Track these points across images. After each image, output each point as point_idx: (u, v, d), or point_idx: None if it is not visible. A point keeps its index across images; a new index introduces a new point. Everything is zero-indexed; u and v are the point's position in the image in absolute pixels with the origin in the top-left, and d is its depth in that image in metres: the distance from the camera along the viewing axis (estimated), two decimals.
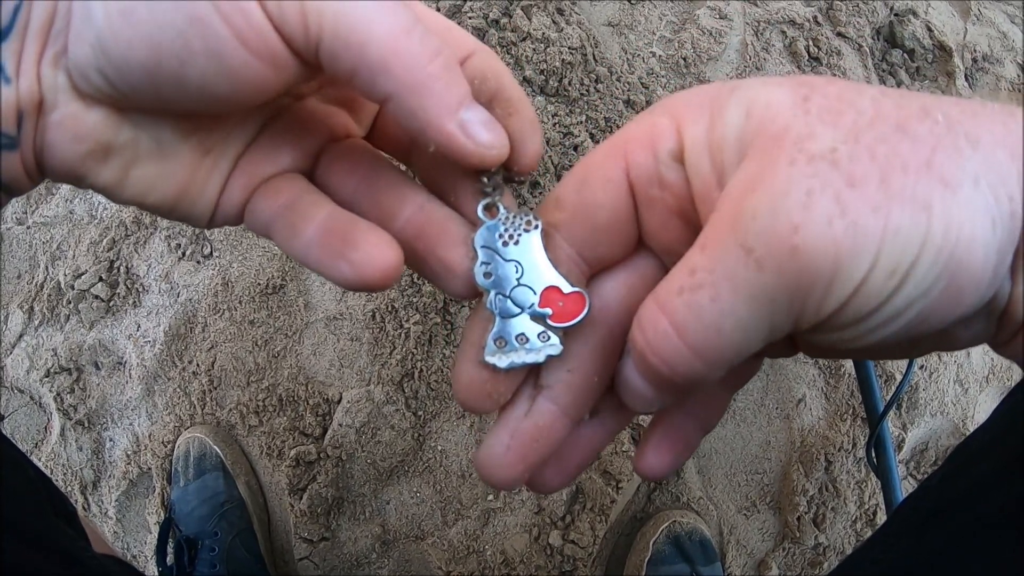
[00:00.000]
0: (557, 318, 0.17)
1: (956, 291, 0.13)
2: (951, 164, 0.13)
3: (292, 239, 0.17)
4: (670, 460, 0.19)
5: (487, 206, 0.17)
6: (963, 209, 0.13)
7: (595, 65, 0.75)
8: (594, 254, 0.17)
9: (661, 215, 0.17)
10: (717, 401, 0.19)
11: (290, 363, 0.70)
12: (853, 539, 0.68)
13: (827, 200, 0.13)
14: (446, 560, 0.65)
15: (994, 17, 0.89)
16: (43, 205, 0.77)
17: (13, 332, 0.74)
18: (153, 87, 0.15)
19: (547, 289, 0.17)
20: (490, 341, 0.17)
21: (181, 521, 0.64)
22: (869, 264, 0.13)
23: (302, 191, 0.18)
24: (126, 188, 0.17)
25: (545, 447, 0.18)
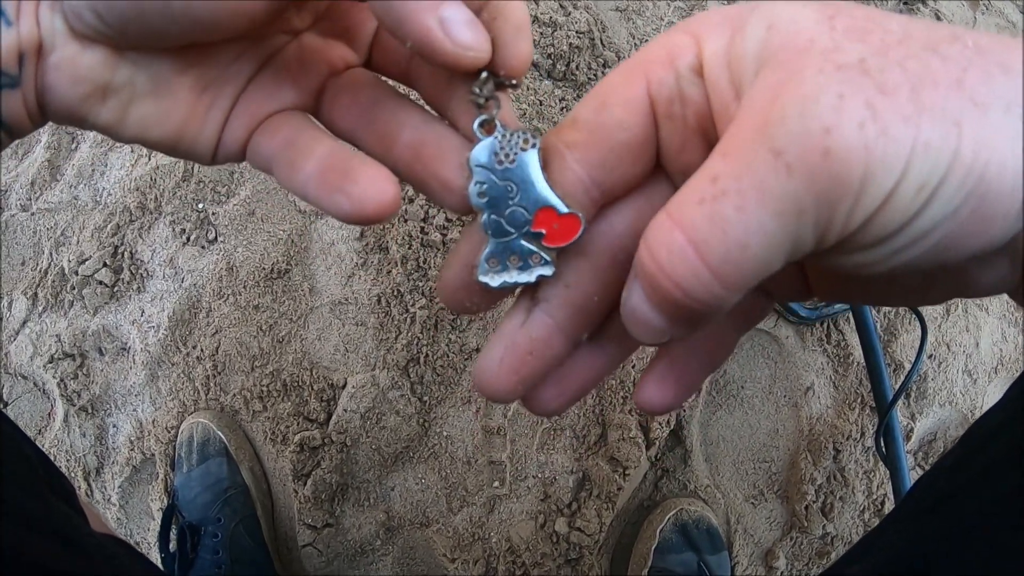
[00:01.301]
0: (551, 240, 0.17)
1: (983, 217, 0.13)
2: (982, 86, 0.13)
3: (292, 175, 0.17)
4: (672, 396, 0.18)
5: (483, 123, 0.17)
6: (994, 132, 0.12)
7: (603, 50, 0.74)
8: (610, 178, 0.17)
9: (681, 134, 0.16)
10: (725, 339, 0.19)
11: (295, 348, 0.69)
12: (861, 529, 0.68)
13: (859, 104, 0.12)
14: (451, 547, 0.65)
15: (1003, 7, 0.89)
16: (47, 191, 0.77)
17: (17, 318, 0.74)
18: (141, 18, 0.15)
19: (542, 210, 0.16)
20: (483, 260, 0.17)
21: (184, 507, 0.63)
22: (898, 175, 0.12)
23: (301, 127, 0.18)
24: (126, 127, 0.17)
25: (539, 362, 0.18)
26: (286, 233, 0.72)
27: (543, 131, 0.70)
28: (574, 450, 0.67)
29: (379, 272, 0.70)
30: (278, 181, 0.18)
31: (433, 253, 0.68)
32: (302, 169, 0.17)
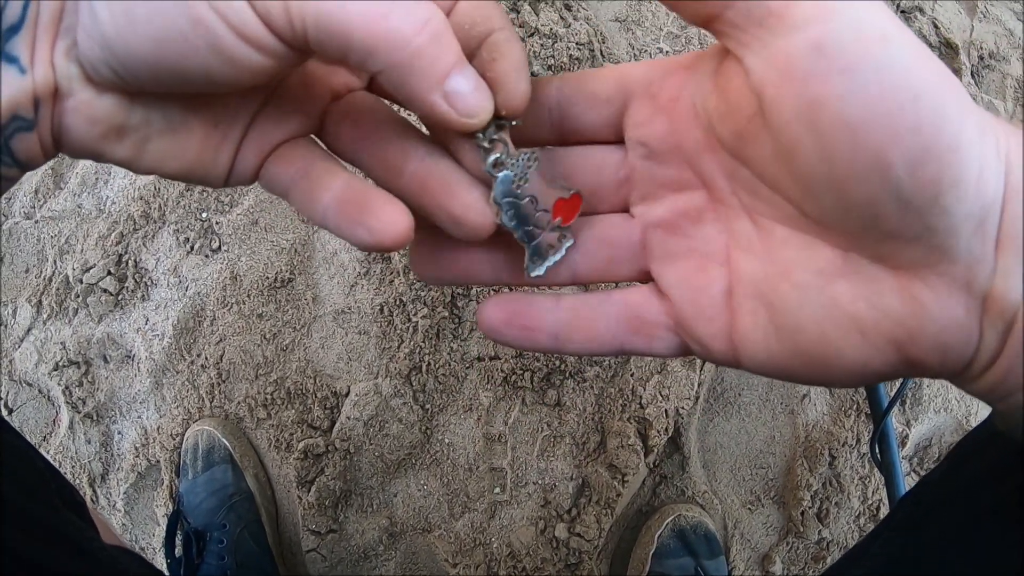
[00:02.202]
0: (568, 220, 0.20)
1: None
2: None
3: (311, 205, 0.19)
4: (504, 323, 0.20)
5: (494, 163, 0.18)
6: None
7: (603, 61, 0.75)
8: (571, 110, 0.20)
9: (650, 110, 0.19)
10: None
11: (298, 356, 0.70)
12: (856, 534, 0.69)
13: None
14: (452, 552, 0.66)
15: (1000, 14, 0.89)
16: (51, 199, 0.78)
17: (22, 326, 0.74)
18: (157, 78, 0.16)
19: (555, 203, 0.19)
20: (528, 262, 0.20)
21: (189, 513, 0.64)
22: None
23: (314, 157, 0.19)
24: (143, 162, 0.18)
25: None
26: (289, 243, 0.73)
27: None
28: (574, 457, 0.67)
29: (381, 282, 0.71)
30: (296, 208, 0.19)
31: None
32: (320, 200, 0.18)
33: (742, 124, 0.17)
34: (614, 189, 0.20)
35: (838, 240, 0.16)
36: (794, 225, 0.17)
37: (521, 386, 0.68)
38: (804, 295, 0.17)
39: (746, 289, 0.18)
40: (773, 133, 0.16)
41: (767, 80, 0.15)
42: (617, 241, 0.20)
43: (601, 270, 0.20)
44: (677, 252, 0.19)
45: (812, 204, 0.16)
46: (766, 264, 0.18)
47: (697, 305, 0.19)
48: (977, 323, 0.15)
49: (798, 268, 0.17)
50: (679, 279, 0.19)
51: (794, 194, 0.16)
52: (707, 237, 0.19)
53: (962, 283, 0.15)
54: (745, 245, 0.18)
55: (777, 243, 0.17)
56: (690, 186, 0.19)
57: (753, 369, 0.18)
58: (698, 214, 0.19)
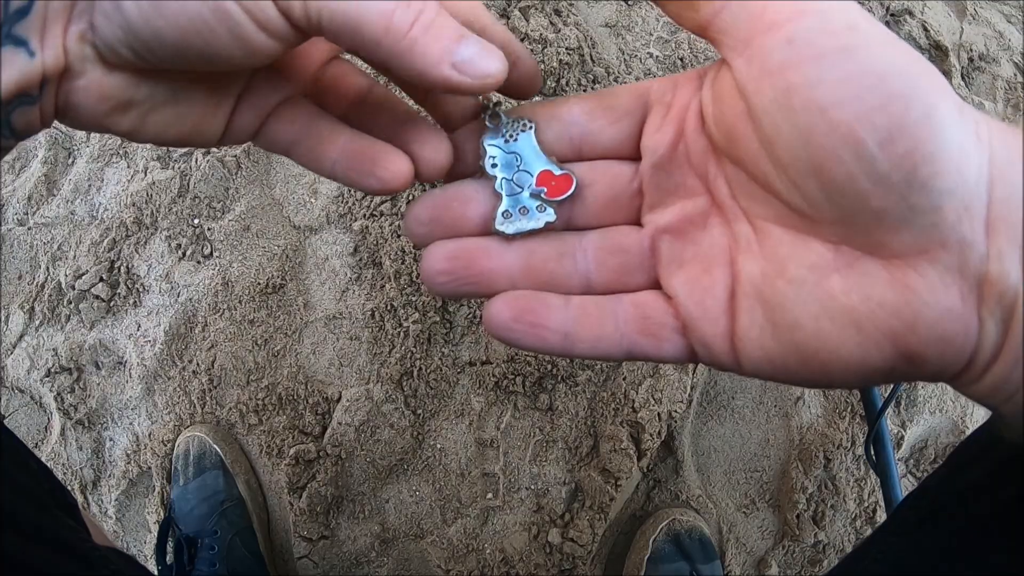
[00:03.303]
0: (551, 194, 0.20)
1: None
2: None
3: (318, 159, 0.21)
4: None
5: (491, 116, 0.21)
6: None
7: (592, 66, 0.75)
8: (590, 127, 0.21)
9: (662, 118, 0.20)
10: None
11: (290, 362, 0.70)
12: (853, 537, 0.68)
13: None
14: (445, 559, 0.65)
15: (990, 17, 0.90)
16: (44, 206, 0.78)
17: (14, 332, 0.74)
18: (176, 59, 0.17)
19: (542, 172, 0.20)
20: (499, 214, 0.21)
21: (181, 520, 0.64)
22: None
23: (316, 117, 0.21)
24: (145, 132, 0.19)
25: (451, 215, 0.21)
26: (281, 248, 0.73)
27: None
28: (566, 461, 0.67)
29: (373, 287, 0.71)
30: (298, 162, 0.21)
31: None
32: (327, 155, 0.20)
33: (732, 124, 0.18)
34: (628, 200, 0.21)
35: (829, 234, 0.17)
36: (787, 223, 0.18)
37: (513, 391, 0.68)
38: (799, 291, 0.17)
39: (745, 289, 0.18)
40: (756, 125, 0.17)
41: (749, 76, 0.17)
42: (628, 248, 0.21)
43: (613, 279, 0.21)
44: (684, 256, 0.20)
45: (798, 195, 0.17)
46: (763, 264, 0.18)
47: (702, 307, 0.19)
48: (975, 311, 0.15)
49: (792, 264, 0.17)
50: (685, 282, 0.19)
51: (781, 187, 0.17)
52: (712, 241, 0.19)
53: (955, 269, 0.15)
54: (745, 247, 0.19)
55: (773, 243, 0.18)
56: (696, 192, 0.20)
57: (752, 371, 0.18)
58: (703, 219, 0.20)
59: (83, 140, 0.81)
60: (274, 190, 0.75)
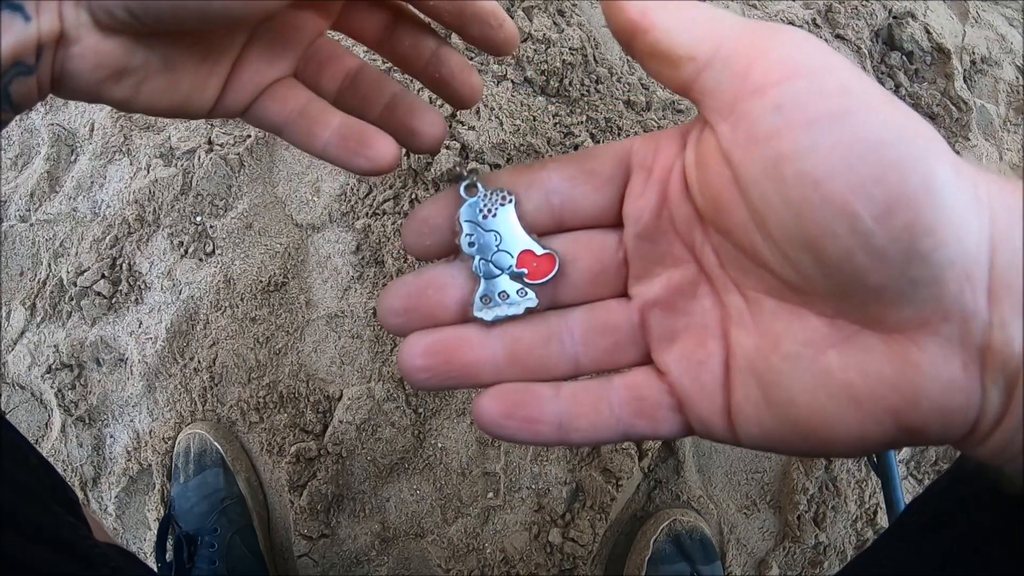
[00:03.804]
0: (532, 276, 0.19)
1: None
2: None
3: (310, 139, 0.21)
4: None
5: (467, 186, 0.20)
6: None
7: (595, 66, 0.75)
8: (571, 194, 0.20)
9: (644, 183, 0.20)
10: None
11: (291, 360, 0.70)
12: (853, 538, 0.68)
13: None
14: (446, 558, 0.65)
15: (992, 20, 0.90)
16: (46, 203, 0.78)
17: (15, 329, 0.74)
18: (177, 19, 0.17)
19: (523, 252, 0.19)
20: (477, 299, 0.19)
21: (181, 517, 0.64)
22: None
23: (309, 98, 0.21)
24: (138, 101, 0.19)
25: (426, 304, 0.20)
26: (283, 246, 0.73)
27: (538, 150, 0.70)
28: (567, 461, 0.67)
29: (375, 285, 0.71)
30: (289, 140, 0.22)
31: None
32: (320, 135, 0.21)
33: (718, 192, 0.17)
34: (614, 273, 0.20)
35: (824, 308, 0.16)
36: (780, 296, 0.17)
37: None
38: (795, 367, 0.16)
39: (739, 364, 0.17)
40: (744, 196, 0.16)
41: (735, 143, 0.16)
42: (617, 326, 0.19)
43: (604, 359, 0.20)
44: (676, 329, 0.19)
45: (791, 269, 0.16)
46: (757, 338, 0.17)
47: (698, 383, 0.18)
48: (978, 381, 0.15)
49: (787, 340, 0.17)
50: (679, 357, 0.19)
51: (773, 261, 0.16)
52: (704, 311, 0.18)
53: (956, 340, 0.15)
54: (737, 319, 0.18)
55: (767, 316, 0.17)
56: (683, 260, 0.19)
57: (750, 445, 0.18)
58: (693, 288, 0.19)
59: (86, 137, 0.81)
60: (277, 188, 0.75)
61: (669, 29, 0.16)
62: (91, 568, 0.29)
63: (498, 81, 0.73)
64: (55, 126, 0.82)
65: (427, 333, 0.19)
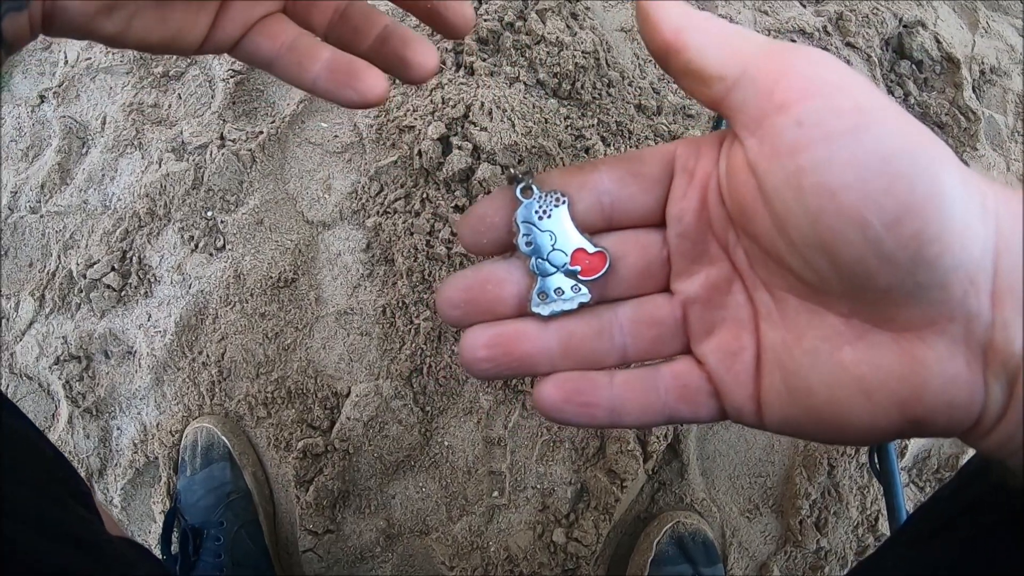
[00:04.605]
0: (585, 273, 0.20)
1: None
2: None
3: (300, 73, 0.22)
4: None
5: (523, 189, 0.21)
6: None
7: (607, 69, 0.76)
8: (620, 195, 0.21)
9: (686, 184, 0.20)
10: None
11: (300, 356, 0.70)
12: (855, 544, 0.69)
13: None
14: (450, 556, 0.66)
15: (1002, 30, 0.90)
16: (57, 195, 0.78)
17: (24, 319, 0.74)
18: None
19: (576, 251, 0.20)
20: (534, 296, 0.20)
21: (187, 510, 0.64)
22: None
23: (298, 34, 0.22)
24: (129, 35, 0.19)
25: (486, 296, 0.21)
26: (293, 243, 0.73)
27: (555, 156, 0.71)
28: (573, 462, 0.67)
29: (384, 283, 0.71)
30: (278, 76, 0.22)
31: (438, 266, 0.69)
32: (310, 69, 0.21)
33: (745, 200, 0.18)
34: (658, 269, 0.21)
35: (840, 307, 0.17)
36: (801, 295, 0.18)
37: (522, 390, 0.68)
38: (814, 360, 0.18)
39: (768, 355, 0.19)
40: (768, 204, 0.17)
41: (760, 155, 0.17)
42: (662, 320, 0.21)
43: (649, 350, 0.21)
44: (713, 323, 0.20)
45: (809, 270, 0.17)
46: (783, 332, 0.19)
47: (732, 372, 0.20)
48: (980, 377, 0.16)
49: (807, 335, 0.18)
50: (716, 348, 0.20)
51: (793, 263, 0.18)
52: (737, 306, 0.20)
53: (961, 339, 0.16)
54: (766, 315, 0.19)
55: (791, 312, 0.19)
56: (719, 259, 0.20)
57: (774, 429, 0.19)
58: (727, 285, 0.20)
59: (97, 130, 0.81)
60: (288, 185, 0.75)
61: (701, 50, 0.18)
62: (103, 563, 0.29)
63: (511, 83, 0.74)
64: (67, 118, 0.82)
65: (487, 327, 0.20)
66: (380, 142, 0.75)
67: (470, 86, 0.72)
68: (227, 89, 0.78)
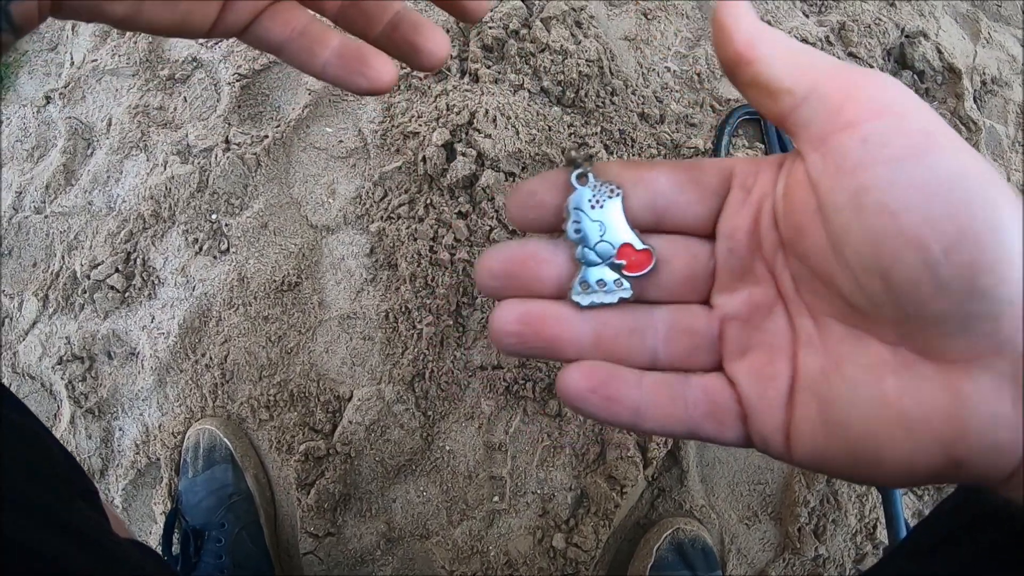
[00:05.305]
0: (630, 269, 0.20)
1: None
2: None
3: (310, 59, 0.22)
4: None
5: (579, 175, 0.21)
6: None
7: (611, 78, 0.76)
8: (674, 201, 0.21)
9: (741, 203, 0.20)
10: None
11: (302, 360, 0.70)
12: (853, 552, 0.69)
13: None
14: (450, 560, 0.66)
15: (1004, 40, 0.91)
16: (62, 195, 0.79)
17: (27, 319, 0.75)
18: None
19: (623, 245, 0.20)
20: (576, 284, 0.20)
21: (188, 512, 0.64)
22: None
23: (308, 19, 0.22)
24: (140, 18, 0.19)
25: (523, 268, 0.21)
26: (297, 247, 0.73)
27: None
28: (573, 468, 0.68)
29: (388, 288, 0.72)
30: (287, 61, 0.22)
31: (441, 272, 0.69)
32: (319, 55, 0.21)
33: (801, 218, 0.18)
34: (701, 281, 0.21)
35: (887, 334, 0.17)
36: (847, 320, 0.18)
37: (523, 396, 0.68)
38: (854, 390, 0.17)
39: (803, 383, 0.18)
40: (826, 222, 0.17)
41: (823, 172, 0.17)
42: (698, 331, 0.21)
43: (680, 358, 0.21)
44: (749, 344, 0.20)
45: (861, 293, 0.17)
46: (823, 359, 0.18)
47: (764, 399, 0.19)
48: None
49: (849, 363, 0.18)
50: (749, 371, 0.20)
51: (845, 285, 0.17)
52: (777, 331, 0.19)
53: (1008, 376, 0.15)
54: (806, 341, 0.19)
55: (834, 339, 0.18)
56: (764, 280, 0.20)
57: (803, 463, 0.18)
58: (769, 307, 0.20)
59: (103, 132, 0.81)
60: (292, 189, 0.76)
61: (772, 63, 0.18)
62: (110, 563, 0.29)
63: (515, 91, 0.74)
64: (72, 119, 0.82)
65: (522, 302, 0.20)
66: (385, 148, 0.76)
67: (475, 93, 0.73)
68: (232, 93, 0.78)
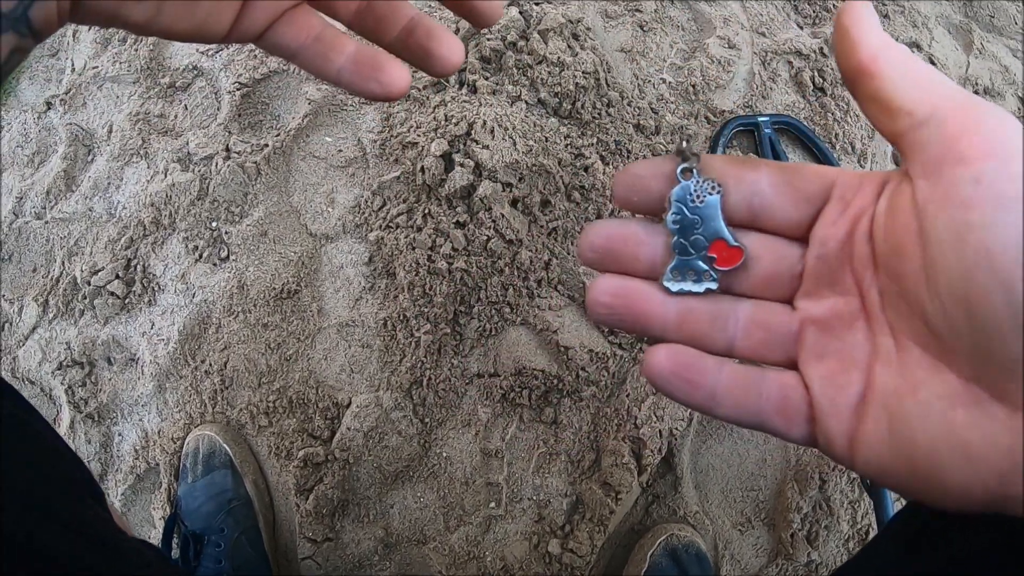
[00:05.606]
0: (720, 263, 0.22)
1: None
2: None
3: (325, 64, 0.22)
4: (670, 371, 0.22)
5: (684, 170, 0.22)
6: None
7: (607, 89, 0.77)
8: (772, 203, 0.21)
9: (838, 213, 0.21)
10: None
11: (301, 367, 0.71)
12: (845, 557, 0.70)
13: None
14: (447, 565, 0.67)
15: (996, 51, 0.92)
16: (62, 201, 0.79)
17: (27, 324, 0.75)
18: None
19: (717, 240, 0.22)
20: (668, 271, 0.22)
21: (187, 517, 0.65)
22: None
23: (324, 26, 0.22)
24: (157, 23, 0.19)
25: (622, 246, 0.22)
26: (297, 255, 0.74)
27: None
28: (568, 474, 0.69)
29: (386, 297, 0.72)
30: (302, 66, 0.22)
31: (439, 281, 0.70)
32: (334, 61, 0.22)
33: (901, 239, 0.18)
34: (787, 282, 0.22)
35: (963, 368, 0.18)
36: (927, 347, 0.19)
37: (519, 403, 0.69)
38: (926, 413, 0.18)
39: (876, 397, 0.19)
40: (924, 247, 0.18)
41: (930, 200, 0.17)
42: (776, 328, 0.22)
43: (755, 350, 0.22)
44: (827, 350, 0.21)
45: (945, 322, 0.18)
46: (898, 379, 0.19)
47: (834, 404, 0.20)
48: None
49: (924, 388, 0.18)
50: (823, 375, 0.20)
51: (931, 310, 0.18)
52: (855, 343, 0.20)
53: None
54: (885, 358, 0.19)
55: (912, 362, 0.19)
56: (850, 292, 0.20)
57: (865, 471, 0.19)
58: (852, 320, 0.20)
59: (104, 139, 0.82)
60: (292, 197, 0.77)
61: (895, 80, 0.18)
62: (125, 561, 0.30)
63: (512, 102, 0.75)
64: (73, 126, 0.83)
65: (618, 278, 0.22)
66: (383, 157, 0.76)
67: (473, 104, 0.73)
68: (233, 101, 0.79)
